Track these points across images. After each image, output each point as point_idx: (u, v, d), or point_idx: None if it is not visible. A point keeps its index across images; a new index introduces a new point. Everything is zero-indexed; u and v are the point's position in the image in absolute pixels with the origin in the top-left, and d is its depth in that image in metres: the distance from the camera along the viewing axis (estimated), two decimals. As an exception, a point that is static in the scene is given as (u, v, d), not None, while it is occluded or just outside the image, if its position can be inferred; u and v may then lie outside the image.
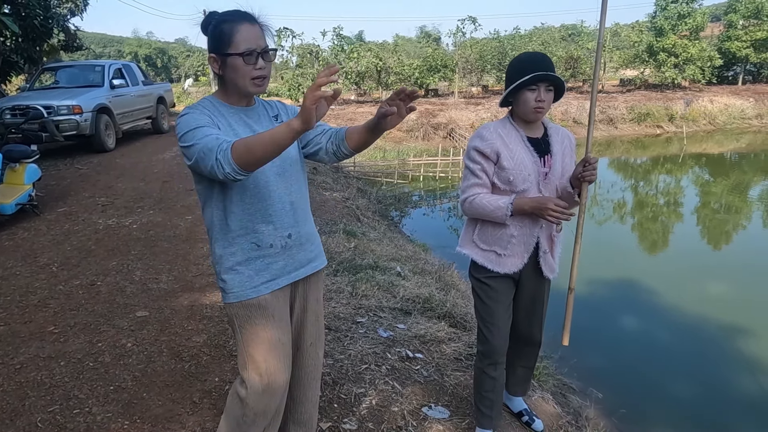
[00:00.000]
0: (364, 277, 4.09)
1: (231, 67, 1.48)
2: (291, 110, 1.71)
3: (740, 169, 16.65)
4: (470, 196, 2.01)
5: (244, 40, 1.45)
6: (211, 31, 1.50)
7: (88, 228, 5.20)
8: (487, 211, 1.97)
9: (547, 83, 1.91)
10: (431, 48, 28.74)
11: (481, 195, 1.99)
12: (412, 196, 13.76)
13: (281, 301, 1.64)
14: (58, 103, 8.24)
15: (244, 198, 1.53)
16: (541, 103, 1.91)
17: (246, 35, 1.46)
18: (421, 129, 19.92)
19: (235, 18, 1.48)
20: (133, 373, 2.68)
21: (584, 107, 21.34)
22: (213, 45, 1.49)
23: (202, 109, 1.48)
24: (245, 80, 1.49)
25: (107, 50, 71.70)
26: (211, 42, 1.49)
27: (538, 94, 1.90)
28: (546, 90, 1.91)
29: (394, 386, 2.63)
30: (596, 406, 3.28)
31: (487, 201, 1.96)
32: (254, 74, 1.48)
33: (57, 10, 11.43)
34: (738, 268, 7.67)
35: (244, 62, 1.46)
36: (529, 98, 1.92)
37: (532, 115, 1.95)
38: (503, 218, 1.95)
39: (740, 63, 28.49)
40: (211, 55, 1.50)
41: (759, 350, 5.00)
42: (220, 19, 1.49)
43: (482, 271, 2.10)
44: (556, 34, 35.10)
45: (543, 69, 1.88)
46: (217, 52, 1.48)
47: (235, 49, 1.45)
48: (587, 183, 1.91)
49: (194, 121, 1.42)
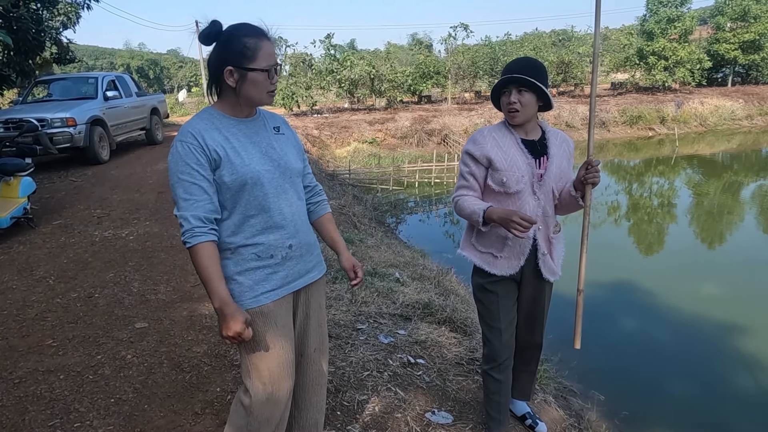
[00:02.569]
0: (363, 283, 4.08)
1: (251, 81, 1.50)
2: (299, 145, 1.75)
3: (732, 169, 16.78)
4: (457, 196, 2.09)
5: (265, 57, 1.49)
6: (229, 43, 1.49)
7: (85, 240, 5.17)
8: (465, 214, 2.04)
9: (516, 85, 1.96)
10: (423, 55, 28.87)
11: (465, 197, 2.05)
12: (408, 202, 13.77)
13: (284, 309, 1.64)
14: (52, 115, 8.21)
15: (245, 211, 1.54)
16: (511, 105, 1.97)
17: (267, 51, 1.50)
18: (415, 135, 19.94)
19: (258, 34, 1.50)
20: (134, 385, 2.66)
21: (576, 111, 21.46)
22: (234, 58, 1.48)
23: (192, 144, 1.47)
24: (262, 94, 1.53)
25: (99, 62, 71.54)
26: (230, 55, 1.48)
27: (507, 97, 1.97)
28: (517, 91, 1.96)
29: (397, 392, 2.62)
30: (598, 408, 3.28)
31: (467, 204, 2.02)
32: (270, 88, 1.54)
33: (49, 23, 11.42)
34: (735, 268, 7.72)
35: (267, 77, 1.51)
36: (503, 102, 2.01)
37: (509, 117, 2.02)
38: (478, 224, 2.00)
39: (729, 65, 28.74)
40: (228, 67, 1.49)
41: (760, 350, 5.01)
42: (242, 32, 1.49)
43: (482, 274, 2.13)
44: (546, 39, 35.36)
45: (513, 72, 1.94)
46: (238, 66, 1.48)
47: (258, 64, 1.48)
48: (591, 185, 1.93)
49: (179, 170, 1.47)
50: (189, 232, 1.46)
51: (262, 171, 1.54)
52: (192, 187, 1.47)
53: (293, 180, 1.64)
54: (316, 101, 24.38)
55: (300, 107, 23.47)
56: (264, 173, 1.54)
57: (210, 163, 1.49)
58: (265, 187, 1.54)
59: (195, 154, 1.47)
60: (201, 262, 1.46)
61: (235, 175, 1.50)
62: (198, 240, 1.45)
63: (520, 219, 1.84)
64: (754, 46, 26.88)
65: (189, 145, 1.47)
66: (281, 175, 1.59)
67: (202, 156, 1.47)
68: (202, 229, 1.46)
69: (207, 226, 1.48)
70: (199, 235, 1.46)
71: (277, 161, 1.59)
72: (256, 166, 1.53)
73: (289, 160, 1.63)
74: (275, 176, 1.57)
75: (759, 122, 24.08)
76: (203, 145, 1.48)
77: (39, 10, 10.60)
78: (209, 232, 1.48)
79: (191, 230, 1.46)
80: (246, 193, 1.52)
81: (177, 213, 1.49)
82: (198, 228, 1.46)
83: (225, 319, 1.46)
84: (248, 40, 1.48)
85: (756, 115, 24.38)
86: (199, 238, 1.46)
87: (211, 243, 1.48)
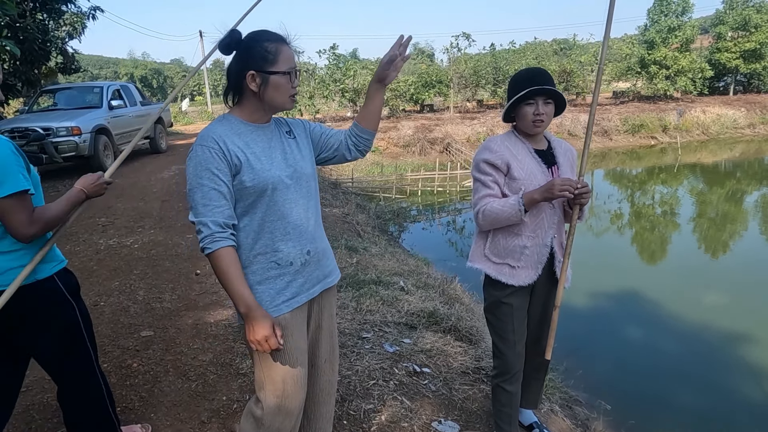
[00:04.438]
0: (367, 292, 4.09)
1: (273, 85, 1.51)
2: (307, 126, 1.75)
3: (735, 177, 16.77)
4: (482, 206, 2.00)
5: (285, 60, 1.51)
6: (250, 49, 1.51)
7: (89, 248, 5.19)
8: (501, 216, 1.95)
9: (544, 96, 1.95)
10: (426, 64, 29.02)
11: (492, 203, 1.98)
12: (411, 210, 13.77)
13: (300, 320, 1.64)
14: (57, 124, 8.28)
15: (264, 217, 1.54)
16: (539, 117, 1.95)
17: (287, 55, 1.52)
18: (417, 144, 19.99)
19: (278, 39, 1.52)
20: (140, 394, 2.66)
21: (578, 119, 21.50)
22: (255, 63, 1.50)
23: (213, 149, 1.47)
24: (284, 97, 1.54)
25: (103, 72, 72.01)
26: (252, 59, 1.50)
27: (536, 108, 1.95)
28: (544, 103, 1.96)
29: (403, 401, 2.61)
30: (605, 418, 3.26)
31: (497, 206, 1.96)
32: (292, 92, 1.55)
33: (55, 33, 11.52)
34: (738, 275, 7.69)
35: (288, 80, 1.52)
36: (527, 112, 1.96)
37: (533, 129, 1.99)
38: (518, 215, 1.92)
39: (730, 74, 28.84)
40: (251, 72, 1.50)
41: (765, 356, 4.99)
42: (263, 38, 1.51)
43: (498, 287, 2.09)
44: (548, 48, 35.55)
45: (539, 83, 1.93)
46: (261, 70, 1.50)
47: (279, 68, 1.50)
48: (579, 205, 1.94)
49: (198, 174, 1.46)
50: (209, 237, 1.44)
51: (283, 176, 1.55)
52: (211, 192, 1.46)
53: (309, 185, 1.64)
54: (318, 110, 24.49)
55: (303, 116, 23.59)
56: (284, 178, 1.55)
57: (231, 169, 1.48)
58: (284, 193, 1.55)
59: (216, 158, 1.46)
60: (222, 267, 1.44)
61: (257, 180, 1.50)
62: (219, 245, 1.44)
63: (561, 182, 1.84)
64: (756, 55, 26.99)
65: (210, 149, 1.47)
66: (297, 181, 1.59)
67: (222, 161, 1.46)
68: (222, 234, 1.45)
69: (226, 231, 1.47)
70: (220, 240, 1.44)
71: (294, 166, 1.59)
72: (277, 171, 1.54)
73: (302, 165, 1.63)
74: (293, 182, 1.58)
75: (761, 130, 24.11)
76: (224, 150, 1.47)
77: (45, 20, 10.72)
78: (229, 237, 1.47)
79: (211, 235, 1.44)
80: (266, 198, 1.52)
81: (194, 219, 1.47)
82: (218, 233, 1.44)
83: (251, 324, 1.45)
84: (269, 44, 1.50)
85: (758, 123, 24.42)
86: (219, 243, 1.44)
87: (231, 248, 1.46)
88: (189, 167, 1.49)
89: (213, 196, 1.45)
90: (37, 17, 10.27)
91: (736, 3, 27.57)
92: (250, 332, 1.45)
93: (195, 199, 1.46)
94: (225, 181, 1.47)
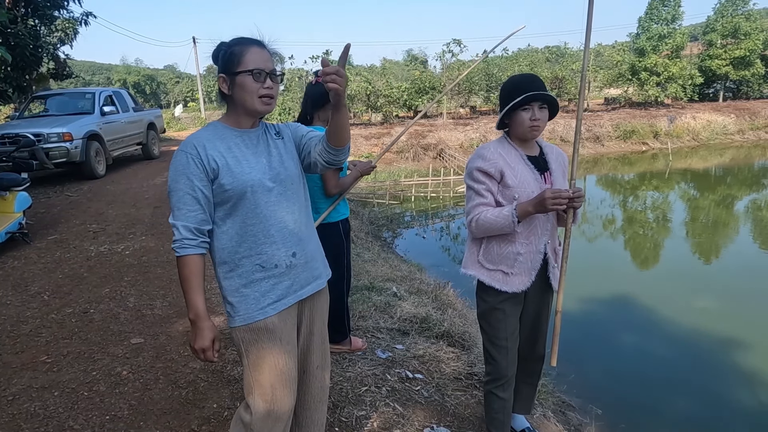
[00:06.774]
0: (360, 298, 4.08)
1: (239, 85, 1.52)
2: (291, 127, 1.74)
3: (725, 183, 16.92)
4: (475, 215, 2.00)
5: (252, 60, 1.51)
6: (221, 53, 1.55)
7: (80, 255, 5.15)
8: (495, 226, 1.96)
9: (539, 102, 1.96)
10: (419, 71, 29.13)
11: (485, 212, 1.97)
12: (404, 216, 13.77)
13: (289, 324, 1.63)
14: (48, 130, 8.23)
15: (245, 220, 1.55)
16: (536, 122, 1.95)
17: (255, 57, 1.52)
18: (411, 150, 20.02)
19: (246, 42, 1.54)
20: (129, 402, 2.64)
21: (571, 125, 21.59)
22: (223, 66, 1.54)
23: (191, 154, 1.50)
24: (253, 98, 1.53)
25: (96, 78, 71.72)
26: (222, 64, 1.54)
27: (532, 113, 1.95)
28: (539, 108, 1.96)
29: (395, 408, 2.60)
30: (596, 422, 3.27)
31: (492, 215, 1.96)
32: (262, 92, 1.53)
33: (47, 39, 11.49)
34: (731, 281, 7.74)
35: (253, 80, 1.51)
36: (524, 118, 1.96)
37: (530, 134, 1.99)
38: (511, 226, 1.92)
39: (720, 80, 29.14)
40: (220, 75, 1.54)
41: (756, 364, 5.01)
42: (233, 43, 1.55)
43: (491, 293, 2.08)
44: (540, 55, 35.78)
45: (534, 89, 1.93)
46: (227, 72, 1.53)
47: (243, 67, 1.50)
48: (572, 210, 1.94)
49: (175, 179, 1.51)
50: (178, 242, 1.50)
51: (264, 179, 1.55)
52: (186, 196, 1.50)
53: (295, 188, 1.64)
54: (312, 116, 24.46)
55: (296, 122, 23.53)
56: (265, 181, 1.56)
57: (207, 174, 1.51)
58: (265, 196, 1.55)
59: (192, 164, 1.50)
60: (185, 274, 1.50)
61: (235, 183, 1.52)
62: (185, 252, 1.50)
63: (552, 194, 1.83)
64: (745, 63, 27.31)
65: (188, 155, 1.51)
66: (281, 183, 1.60)
67: (199, 167, 1.50)
68: (191, 242, 1.50)
69: (197, 238, 1.51)
70: (188, 247, 1.50)
71: (278, 170, 1.60)
72: (257, 174, 1.55)
73: (288, 166, 1.63)
74: (276, 184, 1.58)
75: (750, 137, 24.34)
76: (202, 156, 1.50)
77: (37, 26, 10.68)
78: (198, 246, 1.51)
79: (180, 241, 1.50)
80: (246, 202, 1.53)
81: (171, 221, 1.53)
82: (187, 240, 1.50)
83: (195, 332, 1.52)
84: (235, 48, 1.53)
85: (747, 129, 24.66)
86: (186, 250, 1.50)
87: (198, 256, 1.51)
88: (170, 172, 1.54)
89: (187, 201, 1.50)
90: (29, 23, 10.24)
91: (726, 11, 27.92)
92: (192, 340, 1.52)
93: (171, 202, 1.52)
94: (200, 186, 1.50)
